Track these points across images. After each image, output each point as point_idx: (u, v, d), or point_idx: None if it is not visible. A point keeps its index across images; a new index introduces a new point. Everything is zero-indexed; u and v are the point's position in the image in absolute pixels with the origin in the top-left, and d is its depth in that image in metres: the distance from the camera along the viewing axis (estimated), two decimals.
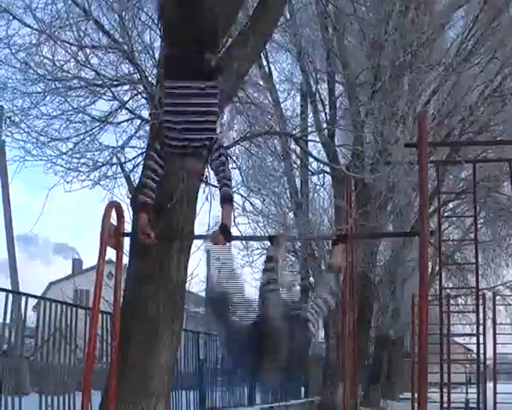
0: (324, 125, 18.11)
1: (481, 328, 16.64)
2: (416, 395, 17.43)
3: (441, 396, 12.42)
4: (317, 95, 19.36)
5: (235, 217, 11.08)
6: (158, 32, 9.04)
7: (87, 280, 40.62)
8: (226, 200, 5.84)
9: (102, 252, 5.95)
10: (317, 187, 20.27)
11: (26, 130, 9.31)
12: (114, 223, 6.30)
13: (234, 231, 10.92)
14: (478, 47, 17.78)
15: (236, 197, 11.09)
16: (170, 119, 5.87)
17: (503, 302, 24.70)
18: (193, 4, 5.61)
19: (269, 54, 18.63)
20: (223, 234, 5.83)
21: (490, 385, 17.55)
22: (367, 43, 16.87)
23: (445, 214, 24.25)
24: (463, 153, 19.02)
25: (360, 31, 16.93)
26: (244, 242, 18.59)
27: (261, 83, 18.39)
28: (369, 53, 16.93)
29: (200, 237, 8.64)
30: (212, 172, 6.43)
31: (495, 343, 17.94)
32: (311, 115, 19.15)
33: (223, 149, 6.02)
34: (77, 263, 53.94)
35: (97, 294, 5.86)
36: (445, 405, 14.83)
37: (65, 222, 77.53)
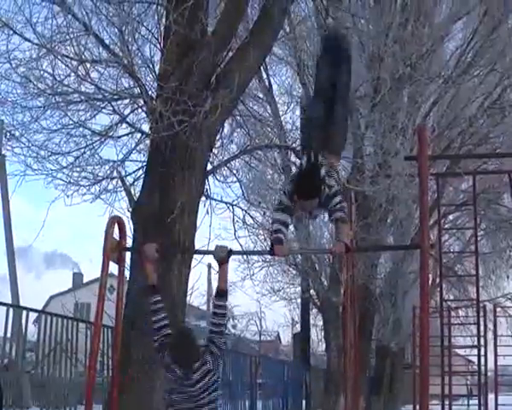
0: None
1: (482, 340, 16.68)
2: (417, 407, 17.41)
3: (442, 408, 12.37)
4: None
5: (235, 230, 11.10)
6: (158, 46, 9.11)
7: (88, 293, 40.61)
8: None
9: (105, 266, 5.97)
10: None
11: (27, 144, 9.31)
12: (117, 238, 6.32)
13: (234, 244, 11.01)
14: (477, 59, 17.74)
15: (237, 210, 11.11)
16: None
17: (504, 314, 24.61)
18: None
19: (268, 67, 18.67)
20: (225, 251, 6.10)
21: (491, 397, 17.51)
22: (366, 55, 16.90)
23: (446, 226, 24.23)
24: (463, 165, 19.00)
25: (360, 43, 16.96)
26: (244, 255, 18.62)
27: (261, 96, 18.44)
28: (369, 65, 16.96)
29: (202, 252, 8.62)
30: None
31: (496, 355, 17.93)
32: None
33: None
34: (77, 277, 53.90)
35: (100, 307, 5.86)
36: None
37: (65, 235, 77.44)
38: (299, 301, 27.16)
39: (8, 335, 8.88)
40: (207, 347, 6.08)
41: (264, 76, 18.49)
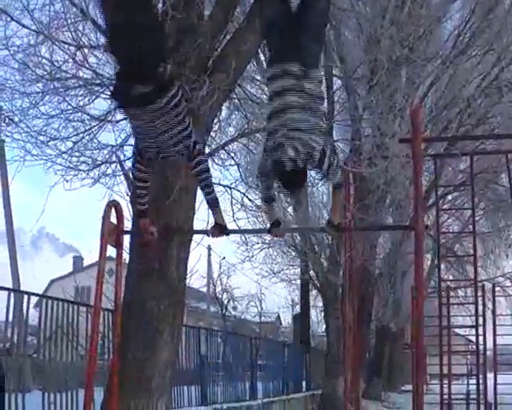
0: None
1: (481, 319, 16.77)
2: (412, 387, 17.56)
3: (441, 387, 12.51)
4: None
5: (234, 213, 11.16)
6: None
7: (88, 277, 40.70)
8: (213, 205, 6.21)
9: (103, 250, 6.04)
10: (316, 180, 20.31)
11: (26, 130, 9.37)
12: (114, 221, 6.39)
13: (233, 227, 11.08)
14: (475, 39, 17.77)
15: (235, 193, 11.16)
16: (141, 145, 5.92)
17: (504, 294, 24.72)
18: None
19: (266, 48, 18.68)
20: (219, 229, 6.08)
21: (490, 376, 17.62)
22: (364, 37, 16.92)
23: (445, 206, 24.32)
24: (461, 145, 19.05)
25: (357, 25, 16.97)
26: (243, 237, 18.71)
27: (258, 78, 18.45)
28: (366, 47, 16.97)
29: (198, 231, 8.70)
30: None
31: (495, 334, 17.99)
32: None
33: (202, 156, 6.16)
34: (77, 260, 54.04)
35: (98, 291, 5.93)
36: (446, 396, 14.96)
37: (65, 220, 77.45)
38: (298, 282, 27.32)
39: (10, 319, 8.94)
40: None
41: (262, 58, 18.52)
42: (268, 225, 6.68)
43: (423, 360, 5.05)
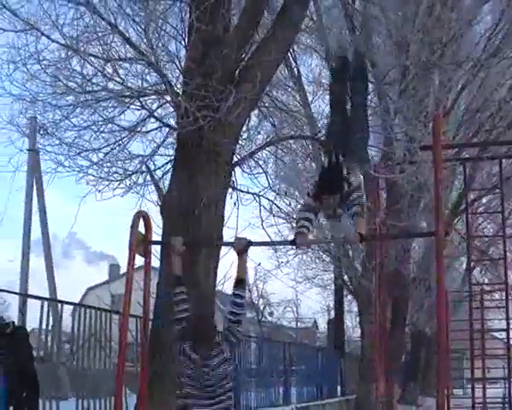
0: None
1: None
2: (450, 391, 17.49)
3: (472, 391, 12.47)
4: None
5: (262, 220, 11.24)
6: (182, 42, 9.28)
7: (124, 285, 41.02)
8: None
9: (131, 259, 6.17)
10: None
11: (58, 142, 9.56)
12: (143, 231, 6.53)
13: (262, 234, 11.19)
14: (506, 41, 17.68)
15: (264, 201, 11.25)
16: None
17: None
18: None
19: (297, 55, 18.79)
20: (243, 243, 6.29)
21: None
22: (394, 42, 16.95)
23: (480, 209, 24.18)
24: (494, 148, 18.97)
25: (387, 30, 17.00)
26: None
27: (290, 84, 18.57)
28: (397, 52, 16.99)
29: (224, 243, 8.79)
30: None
31: None
32: None
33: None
34: (114, 268, 54.32)
35: (127, 299, 6.07)
36: (481, 400, 14.89)
37: (101, 229, 78.03)
38: (333, 287, 27.33)
39: (44, 327, 9.12)
40: (225, 335, 6.25)
41: (293, 64, 18.63)
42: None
43: (445, 365, 5.11)
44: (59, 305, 9.64)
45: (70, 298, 12.14)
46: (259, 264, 31.18)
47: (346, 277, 23.44)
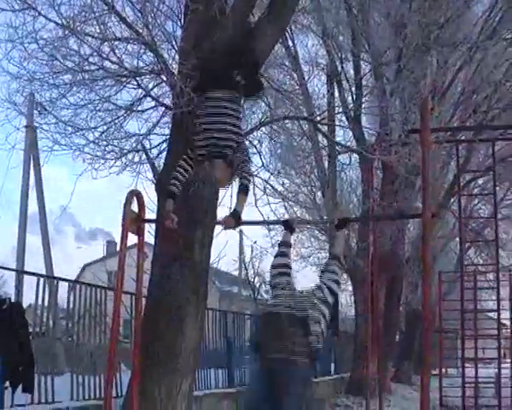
0: (350, 106, 18.28)
1: (508, 303, 16.84)
2: (443, 370, 17.70)
3: (463, 370, 12.65)
4: (343, 74, 19.53)
5: (256, 199, 11.33)
6: (178, 23, 9.35)
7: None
8: (243, 190, 6.52)
9: (124, 238, 6.29)
10: (344, 166, 20.49)
11: (54, 120, 9.64)
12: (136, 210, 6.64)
13: (255, 212, 11.29)
14: (503, 23, 17.73)
15: (257, 181, 11.33)
16: (200, 121, 6.72)
17: None
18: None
19: (294, 35, 18.85)
20: (233, 218, 6.37)
21: None
22: (391, 22, 17.00)
23: (475, 190, 24.30)
24: (489, 130, 19.05)
25: (385, 10, 17.04)
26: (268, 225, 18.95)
27: (287, 64, 18.64)
28: (394, 32, 17.05)
29: (215, 223, 8.94)
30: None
31: None
32: (337, 95, 19.32)
33: (246, 152, 6.90)
34: (110, 245, 54.43)
35: (119, 277, 6.19)
36: (473, 379, 15.06)
37: (98, 206, 78.15)
38: None
39: (39, 303, 9.23)
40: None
41: (290, 44, 18.68)
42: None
43: (429, 348, 5.24)
44: (55, 282, 9.72)
45: (66, 275, 12.30)
46: (255, 242, 31.36)
47: None
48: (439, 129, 13.20)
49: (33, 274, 9.42)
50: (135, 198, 6.62)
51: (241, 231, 33.26)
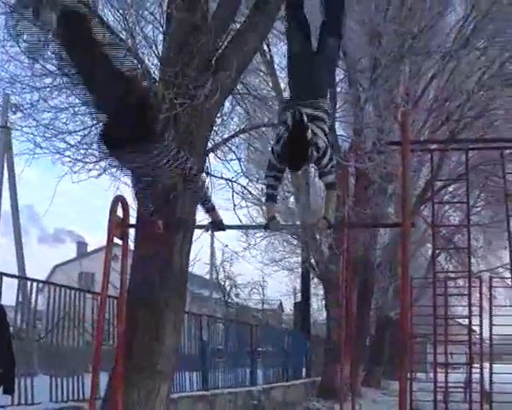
0: None
1: (477, 310, 17.04)
2: (413, 375, 17.87)
3: (434, 375, 12.86)
4: None
5: (235, 205, 11.45)
6: (160, 29, 9.43)
7: (92, 263, 41.01)
8: (210, 210, 6.79)
9: (109, 243, 6.36)
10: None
11: (35, 123, 9.68)
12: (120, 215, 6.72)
13: (234, 218, 11.41)
14: (477, 33, 17.94)
15: (236, 187, 11.46)
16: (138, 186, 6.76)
17: (503, 284, 24.89)
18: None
19: (270, 41, 18.94)
20: (216, 225, 6.53)
21: (489, 365, 17.94)
22: (366, 30, 17.20)
23: (446, 197, 24.59)
24: (462, 137, 19.31)
25: (360, 18, 17.21)
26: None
27: (263, 69, 18.72)
28: (369, 40, 17.25)
29: (198, 226, 9.06)
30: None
31: (491, 325, 18.30)
32: None
33: (200, 176, 7.11)
34: (81, 246, 54.23)
35: (105, 282, 6.26)
36: (443, 384, 15.26)
37: (67, 208, 77.42)
38: (300, 270, 27.64)
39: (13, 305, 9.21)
40: None
41: (266, 50, 18.77)
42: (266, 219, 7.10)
43: (406, 355, 5.40)
44: (32, 284, 9.68)
45: (35, 275, 12.29)
46: (226, 245, 31.39)
47: (313, 260, 23.75)
48: (420, 141, 13.37)
49: (14, 277, 9.43)
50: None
51: (212, 235, 33.41)
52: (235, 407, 15.12)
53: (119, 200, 6.73)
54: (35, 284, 9.77)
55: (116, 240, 6.61)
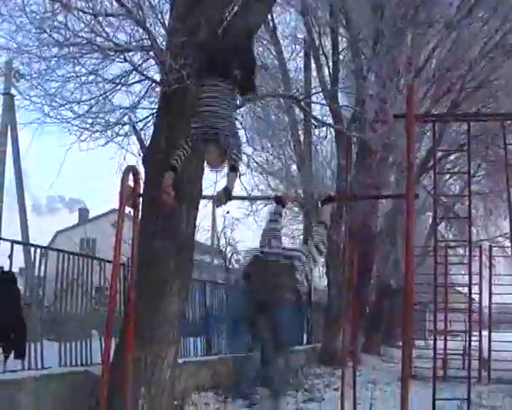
0: (328, 81, 18.51)
1: (477, 278, 17.25)
2: (410, 343, 18.09)
3: (434, 343, 13.03)
4: (321, 49, 19.71)
5: (241, 174, 11.58)
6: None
7: (93, 229, 41.19)
8: (233, 169, 6.88)
9: (121, 212, 6.52)
10: (320, 139, 20.75)
11: (42, 93, 9.77)
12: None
13: (238, 186, 11.54)
14: (479, 3, 17.94)
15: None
16: (194, 125, 7.06)
17: (503, 253, 25.08)
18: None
19: (273, 8, 18.97)
20: (225, 195, 6.63)
21: (487, 333, 18.20)
22: (369, 0, 17.24)
23: (447, 166, 24.69)
24: (463, 108, 19.39)
25: None
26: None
27: (266, 38, 18.79)
28: (372, 9, 17.28)
29: (205, 197, 9.20)
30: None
31: (490, 293, 18.53)
32: (315, 73, 19.54)
33: (237, 135, 7.24)
34: (83, 212, 54.45)
35: (117, 250, 6.42)
36: (442, 352, 15.48)
37: (67, 175, 77.16)
38: (301, 237, 27.82)
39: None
40: None
41: (269, 18, 18.80)
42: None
43: (409, 320, 5.57)
44: (36, 250, 9.76)
45: (38, 241, 12.40)
46: (228, 212, 31.55)
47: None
48: (424, 115, 13.43)
49: (25, 244, 9.59)
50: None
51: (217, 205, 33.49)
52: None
53: (130, 169, 6.88)
54: (41, 250, 9.84)
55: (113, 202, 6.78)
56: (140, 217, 9.03)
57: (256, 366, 8.34)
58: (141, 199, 7.45)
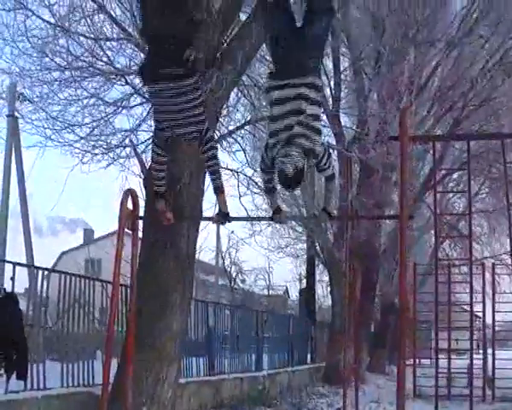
0: (330, 102, 18.59)
1: (480, 296, 17.27)
2: (417, 361, 18.13)
3: (436, 361, 13.08)
4: (322, 69, 19.77)
5: (240, 195, 11.67)
6: None
7: (98, 249, 41.21)
8: (218, 191, 6.80)
9: (120, 234, 6.59)
10: None
11: (45, 116, 9.90)
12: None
13: (239, 207, 11.63)
14: (480, 21, 18.02)
15: (242, 177, 11.65)
16: (157, 118, 6.72)
17: (506, 271, 25.02)
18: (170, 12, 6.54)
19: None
20: (222, 218, 6.67)
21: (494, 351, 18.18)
22: (370, 18, 17.33)
23: (450, 184, 24.72)
24: (465, 126, 19.47)
25: (365, 6, 17.32)
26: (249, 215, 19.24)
27: (267, 57, 18.86)
28: (373, 28, 17.37)
29: (204, 218, 9.29)
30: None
31: (494, 311, 18.52)
32: None
33: (213, 142, 6.90)
34: (88, 233, 54.50)
35: (117, 271, 6.48)
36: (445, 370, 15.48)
37: (72, 197, 77.18)
38: (305, 257, 27.88)
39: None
40: None
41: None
42: (270, 212, 7.26)
43: (405, 341, 5.62)
44: (40, 272, 9.84)
45: (41, 262, 12.49)
46: (232, 232, 31.62)
47: (318, 247, 23.96)
48: (418, 137, 13.46)
49: (28, 266, 9.63)
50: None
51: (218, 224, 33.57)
52: (240, 391, 15.36)
53: (130, 193, 6.96)
54: (45, 272, 9.92)
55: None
56: (141, 237, 9.20)
57: None
58: (140, 221, 7.51)
